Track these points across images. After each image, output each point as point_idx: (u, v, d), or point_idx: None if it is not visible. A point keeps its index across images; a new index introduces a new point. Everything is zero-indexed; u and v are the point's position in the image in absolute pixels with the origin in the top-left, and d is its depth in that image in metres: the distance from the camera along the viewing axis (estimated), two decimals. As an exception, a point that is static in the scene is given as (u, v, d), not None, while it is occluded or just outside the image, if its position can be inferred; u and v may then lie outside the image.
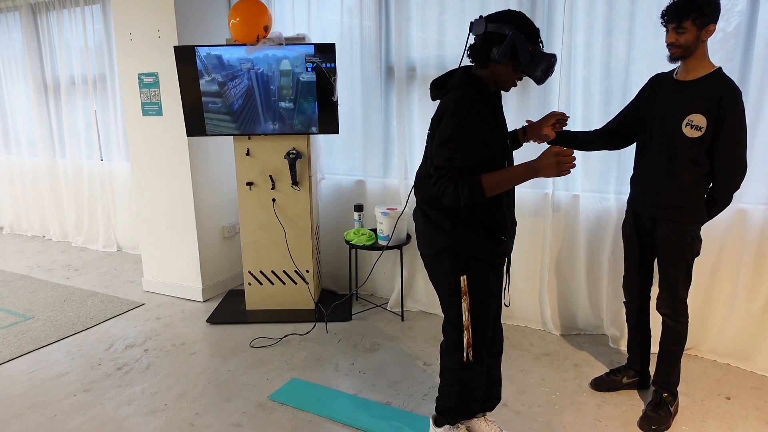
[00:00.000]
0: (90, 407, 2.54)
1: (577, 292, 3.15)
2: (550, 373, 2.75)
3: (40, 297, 3.89)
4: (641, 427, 2.32)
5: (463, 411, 2.13)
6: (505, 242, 1.96)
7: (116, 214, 4.92)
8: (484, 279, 1.95)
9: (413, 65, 3.33)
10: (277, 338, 3.16)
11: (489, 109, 1.88)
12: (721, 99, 2.05)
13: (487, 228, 1.92)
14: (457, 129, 1.80)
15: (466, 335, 1.96)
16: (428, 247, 2.01)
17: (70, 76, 4.84)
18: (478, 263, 1.93)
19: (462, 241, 1.91)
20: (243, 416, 2.45)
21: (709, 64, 2.12)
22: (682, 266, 2.24)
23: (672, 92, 2.18)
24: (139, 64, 3.58)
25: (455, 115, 1.81)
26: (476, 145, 1.81)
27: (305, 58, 3.08)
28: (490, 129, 1.86)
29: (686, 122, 2.11)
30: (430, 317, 3.46)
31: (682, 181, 2.17)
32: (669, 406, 2.35)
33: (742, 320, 2.74)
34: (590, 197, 3.01)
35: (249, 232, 3.45)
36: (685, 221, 2.21)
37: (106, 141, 4.81)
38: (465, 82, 1.87)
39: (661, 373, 2.39)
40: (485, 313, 1.99)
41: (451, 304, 1.98)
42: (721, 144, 2.09)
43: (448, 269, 1.95)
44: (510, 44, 1.77)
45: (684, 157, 2.15)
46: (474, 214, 1.90)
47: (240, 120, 3.20)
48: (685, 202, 2.19)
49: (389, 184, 3.57)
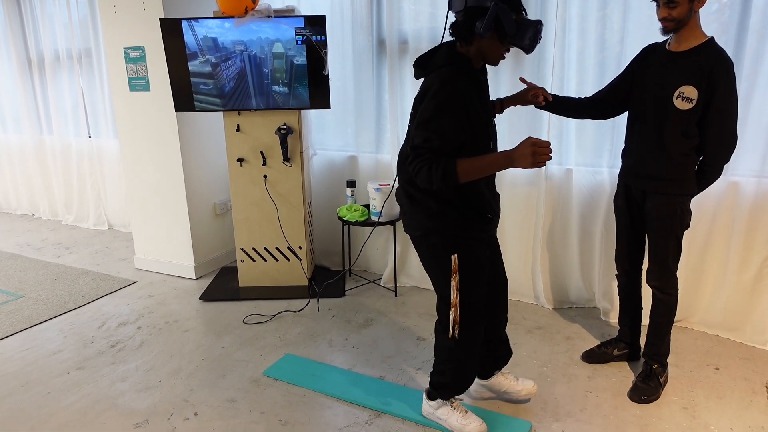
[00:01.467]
0: (84, 384, 2.54)
1: (569, 266, 3.17)
2: (542, 346, 2.78)
3: (30, 276, 3.87)
4: (631, 397, 2.36)
5: (456, 387, 2.15)
6: (492, 220, 1.97)
7: (106, 191, 4.88)
8: (474, 255, 1.96)
9: (405, 38, 3.28)
10: (271, 315, 3.17)
11: (474, 88, 1.85)
12: (711, 70, 2.02)
13: (473, 207, 1.91)
14: (437, 110, 1.76)
15: (453, 313, 1.96)
16: (416, 228, 2.00)
17: (54, 51, 4.73)
18: (468, 240, 1.93)
19: (450, 221, 1.91)
20: (237, 392, 2.47)
21: (701, 34, 2.08)
22: (672, 238, 2.24)
23: (663, 63, 2.15)
24: (125, 37, 3.50)
25: (437, 96, 1.77)
26: (456, 128, 1.78)
27: (295, 31, 3.02)
28: (474, 110, 1.82)
29: (677, 94, 2.09)
30: (424, 292, 3.47)
31: (671, 153, 2.16)
32: (659, 377, 2.38)
33: (732, 292, 2.77)
34: (583, 171, 3.00)
35: (241, 209, 3.42)
36: (674, 193, 2.20)
37: (94, 117, 4.74)
38: (449, 61, 1.82)
39: (651, 344, 2.41)
40: (477, 289, 1.99)
41: (443, 282, 1.98)
42: (711, 116, 2.07)
43: (438, 249, 1.94)
44: (493, 16, 1.71)
45: (674, 129, 2.13)
46: (459, 195, 1.88)
47: (232, 102, 3.15)
48: (674, 175, 2.18)
49: (382, 159, 3.54)
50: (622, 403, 2.33)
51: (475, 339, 2.05)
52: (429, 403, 2.20)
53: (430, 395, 2.19)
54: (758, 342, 2.74)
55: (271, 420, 2.27)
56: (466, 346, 2.03)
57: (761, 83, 2.54)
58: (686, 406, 2.31)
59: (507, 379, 2.31)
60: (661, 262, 2.28)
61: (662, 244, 2.26)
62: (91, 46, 4.47)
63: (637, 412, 2.27)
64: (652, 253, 2.30)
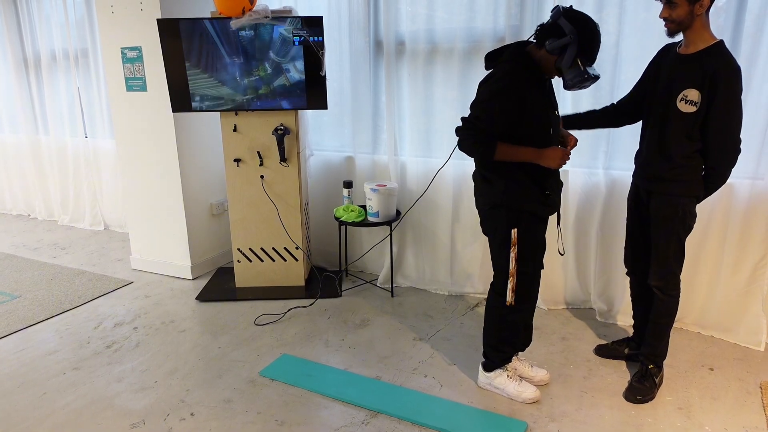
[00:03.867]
0: (80, 385, 2.54)
1: (564, 267, 3.18)
2: (537, 347, 2.79)
3: (26, 276, 3.86)
4: (626, 397, 2.37)
5: (505, 349, 2.37)
6: (551, 196, 2.18)
7: (102, 192, 4.86)
8: (533, 231, 2.20)
9: (402, 39, 3.29)
10: (281, 313, 3.17)
11: (534, 83, 2.08)
12: (714, 74, 2.01)
13: (535, 184, 2.14)
14: (492, 95, 2.05)
15: (512, 281, 2.21)
16: (485, 203, 2.24)
17: (51, 51, 4.72)
18: (529, 217, 2.17)
19: (513, 195, 2.14)
20: (234, 392, 2.47)
21: (709, 37, 2.06)
22: (674, 240, 2.25)
23: (672, 66, 2.16)
24: (122, 37, 3.50)
25: (496, 83, 2.05)
26: (503, 112, 2.03)
27: (292, 32, 3.03)
28: (532, 100, 2.06)
29: (681, 97, 2.10)
30: (420, 293, 3.48)
31: (673, 155, 2.17)
32: (654, 377, 2.39)
33: (727, 293, 2.78)
34: (579, 172, 3.01)
35: (237, 209, 3.43)
36: (676, 195, 2.21)
37: (90, 118, 4.73)
38: (514, 57, 2.08)
39: (648, 345, 2.42)
40: (533, 262, 2.24)
41: (502, 253, 2.22)
42: (711, 120, 2.07)
43: (502, 222, 2.18)
44: (563, 43, 1.97)
45: (677, 132, 2.14)
46: (524, 173, 2.12)
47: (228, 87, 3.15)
48: (676, 176, 2.19)
49: (378, 160, 3.55)
50: (617, 404, 2.34)
51: (524, 305, 2.30)
52: (486, 374, 2.42)
53: (486, 366, 2.41)
54: (752, 343, 2.76)
55: (268, 420, 2.27)
56: (519, 313, 2.29)
57: (755, 86, 2.56)
58: (681, 407, 2.32)
59: (522, 364, 2.47)
60: (663, 263, 2.29)
61: (664, 245, 2.27)
62: (87, 46, 4.46)
63: (632, 413, 2.28)
64: (655, 253, 2.31)
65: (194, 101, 3.16)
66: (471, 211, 3.18)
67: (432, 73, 3.25)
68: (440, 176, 3.31)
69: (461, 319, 3.12)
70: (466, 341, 2.87)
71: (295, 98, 3.16)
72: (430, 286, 3.52)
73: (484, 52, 3.07)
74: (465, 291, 3.43)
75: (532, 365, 2.50)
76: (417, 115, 3.34)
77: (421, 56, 3.25)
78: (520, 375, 2.44)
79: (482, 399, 2.39)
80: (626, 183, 2.88)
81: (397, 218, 3.40)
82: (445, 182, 3.27)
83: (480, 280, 3.37)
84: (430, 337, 2.92)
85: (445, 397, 2.40)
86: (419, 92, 3.30)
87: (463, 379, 2.53)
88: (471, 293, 3.42)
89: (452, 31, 3.13)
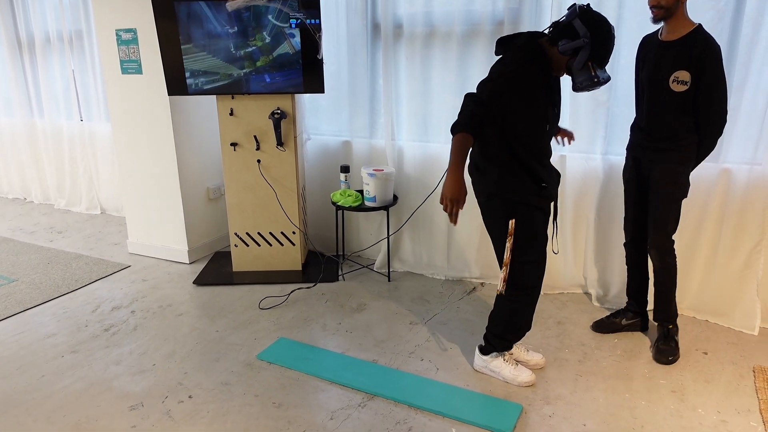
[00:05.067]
0: (78, 368, 2.55)
1: (561, 252, 3.18)
2: (534, 331, 2.80)
3: (23, 259, 3.86)
4: (658, 360, 2.53)
5: (508, 337, 2.37)
6: (547, 188, 2.17)
7: (99, 175, 4.85)
8: (530, 221, 2.17)
9: (400, 22, 3.26)
10: (284, 296, 3.18)
11: (541, 74, 2.06)
12: (700, 55, 2.23)
13: (530, 175, 2.12)
14: (499, 75, 2.02)
15: (504, 271, 2.19)
16: (481, 194, 2.23)
17: (45, 33, 4.67)
18: (525, 207, 2.14)
19: (508, 186, 2.13)
20: (231, 375, 2.48)
21: (689, 23, 2.28)
22: (673, 205, 2.45)
23: (658, 52, 2.36)
24: (117, 19, 3.45)
25: (505, 66, 2.03)
26: (508, 92, 2.00)
27: (289, 15, 3.00)
28: (536, 92, 2.05)
29: (673, 78, 2.31)
30: (417, 277, 3.49)
31: (676, 130, 2.37)
32: (675, 336, 2.60)
33: (722, 278, 2.80)
34: (577, 157, 3.01)
35: (234, 194, 3.42)
36: (676, 163, 2.41)
37: (86, 100, 4.69)
38: (526, 47, 2.06)
39: (659, 309, 2.61)
40: (533, 251, 2.21)
41: (500, 243, 2.21)
42: (701, 96, 2.28)
43: (499, 213, 2.17)
44: (576, 46, 1.97)
45: (675, 109, 2.34)
46: (518, 163, 2.10)
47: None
48: (678, 147, 2.39)
49: (376, 144, 3.54)
50: (612, 387, 2.36)
51: (530, 296, 2.28)
52: (482, 357, 2.43)
53: (483, 350, 2.43)
54: (746, 327, 2.78)
55: (265, 402, 2.29)
56: (517, 303, 2.28)
57: (755, 69, 2.55)
58: (675, 390, 2.34)
59: (518, 348, 2.48)
60: (661, 228, 2.47)
61: (664, 210, 2.46)
62: (82, 28, 4.41)
63: (627, 395, 2.31)
64: (654, 219, 2.49)
65: (189, 79, 3.12)
66: (468, 196, 3.18)
67: (430, 57, 3.23)
68: (438, 161, 3.30)
69: (458, 303, 3.14)
70: (463, 325, 2.89)
71: (294, 72, 3.12)
72: (426, 270, 3.53)
73: (482, 35, 3.05)
74: (462, 275, 3.44)
75: (527, 349, 2.52)
76: (415, 100, 3.32)
77: (419, 39, 3.22)
78: (515, 359, 2.46)
79: (478, 382, 2.41)
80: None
81: (395, 203, 3.40)
82: (442, 167, 3.25)
83: (476, 264, 3.38)
84: (427, 321, 2.93)
85: (442, 380, 2.42)
86: (417, 76, 3.28)
87: (459, 363, 2.55)
88: (468, 278, 3.43)
89: (450, 13, 3.10)
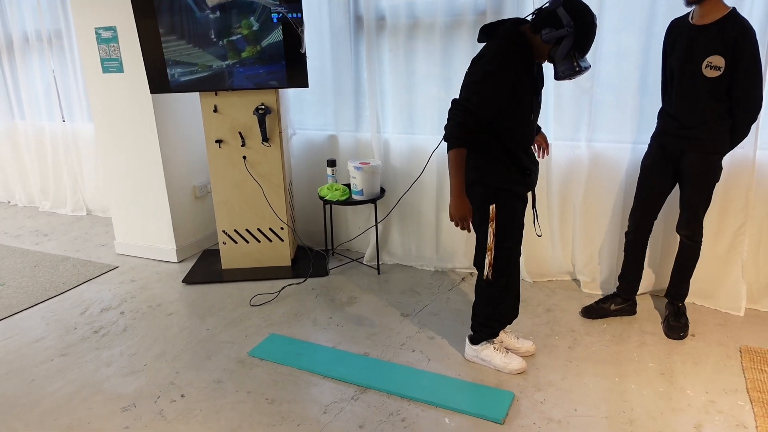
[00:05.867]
0: (68, 371, 2.53)
1: (549, 240, 3.21)
2: (523, 319, 2.83)
3: (9, 263, 3.81)
4: (670, 336, 2.61)
5: (491, 325, 2.39)
6: (530, 175, 2.20)
7: (83, 176, 4.79)
8: (511, 208, 2.19)
9: (383, 14, 3.24)
10: (274, 292, 3.17)
11: (525, 63, 2.04)
12: (735, 40, 2.20)
13: (514, 163, 2.14)
14: (484, 76, 2.00)
15: (489, 256, 2.21)
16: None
17: (23, 33, 4.60)
18: (506, 193, 2.16)
19: (487, 172, 2.14)
20: (223, 373, 2.48)
21: (723, 6, 2.24)
22: (705, 192, 2.48)
23: (690, 36, 2.33)
24: (96, 17, 3.41)
25: (489, 64, 2.00)
26: (495, 96, 2.01)
27: (271, 9, 2.97)
28: (521, 82, 2.04)
29: (706, 63, 2.28)
30: (406, 269, 3.49)
31: (707, 117, 2.36)
32: (685, 313, 2.68)
33: (707, 261, 2.83)
34: (562, 145, 3.02)
35: (221, 191, 3.40)
36: (709, 152, 2.41)
37: (67, 101, 4.63)
38: (509, 36, 2.03)
39: (675, 286, 2.68)
40: (512, 238, 2.23)
41: (481, 229, 2.22)
42: (737, 82, 2.27)
43: (480, 198, 2.17)
44: (560, 35, 1.95)
45: (706, 95, 2.33)
46: (504, 152, 2.12)
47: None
48: (710, 135, 2.39)
49: (362, 138, 3.53)
50: (602, 372, 2.39)
51: (509, 281, 2.32)
52: (472, 347, 2.45)
53: (473, 339, 2.45)
54: (732, 309, 2.82)
55: (258, 399, 2.29)
56: (501, 287, 2.30)
57: None
58: (663, 372, 2.38)
59: (508, 336, 2.51)
60: (692, 213, 2.51)
61: (696, 197, 2.49)
62: (61, 27, 4.35)
63: (616, 380, 2.33)
64: (686, 205, 2.53)
65: (170, 71, 3.08)
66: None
67: (413, 49, 3.22)
68: (424, 153, 3.30)
69: (447, 294, 3.15)
70: (453, 316, 2.90)
71: (278, 66, 3.09)
72: (416, 262, 3.54)
73: (465, 26, 3.05)
74: (451, 266, 3.45)
75: (518, 337, 2.54)
76: (399, 92, 3.32)
77: (402, 31, 3.21)
78: (506, 347, 2.48)
79: (470, 371, 2.42)
80: (609, 156, 2.92)
81: (382, 195, 3.40)
82: (430, 159, 3.26)
83: (465, 255, 3.39)
84: (417, 313, 2.95)
85: (433, 371, 2.44)
86: (401, 68, 3.27)
87: (450, 353, 2.57)
88: (457, 268, 3.44)
89: (433, 4, 3.09)
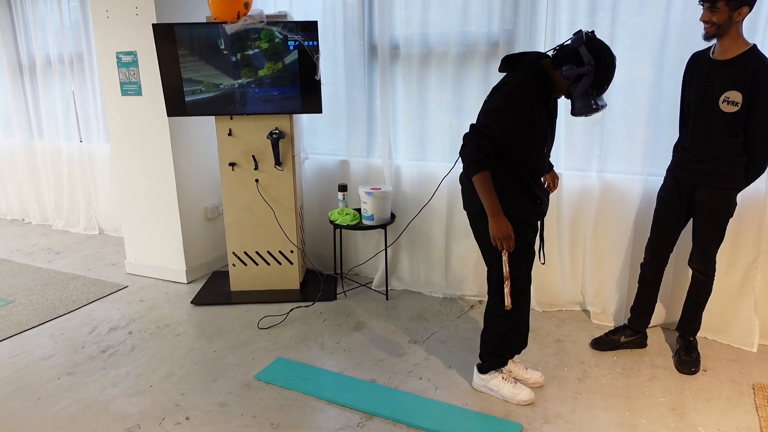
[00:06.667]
0: (74, 390, 2.53)
1: (559, 270, 3.19)
2: (532, 349, 2.80)
3: (20, 281, 3.85)
4: (681, 370, 2.58)
5: (502, 354, 2.38)
6: (541, 205, 2.22)
7: (97, 196, 4.86)
8: (524, 236, 2.18)
9: (397, 43, 3.31)
10: (282, 314, 3.17)
11: (543, 98, 2.07)
12: (753, 76, 2.21)
13: (526, 192, 2.16)
14: (506, 104, 2.03)
15: (507, 285, 2.17)
16: (474, 206, 2.21)
17: (46, 56, 4.72)
18: (518, 222, 2.15)
19: (504, 201, 2.10)
20: (229, 396, 2.47)
21: (743, 43, 2.26)
22: (717, 228, 2.46)
23: (710, 71, 2.34)
24: (117, 42, 3.50)
25: (511, 93, 2.03)
26: (514, 125, 2.03)
27: (288, 37, 3.04)
28: (539, 116, 2.06)
29: (723, 98, 2.29)
30: (415, 296, 3.48)
31: (721, 151, 2.35)
32: (697, 347, 2.65)
33: (720, 295, 2.80)
34: (573, 175, 3.03)
35: (232, 213, 3.43)
36: (723, 187, 2.40)
37: (85, 122, 4.72)
38: (531, 68, 2.07)
39: (687, 320, 2.66)
40: (524, 266, 2.24)
41: (493, 257, 2.22)
42: (754, 117, 2.27)
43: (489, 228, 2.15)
44: (580, 72, 2.00)
45: (722, 130, 2.33)
46: (513, 177, 2.13)
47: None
48: (724, 171, 2.38)
49: (373, 163, 3.56)
50: (611, 405, 2.35)
51: (520, 308, 2.29)
52: (481, 376, 2.43)
53: (481, 368, 2.43)
54: (745, 344, 2.78)
55: (263, 423, 2.27)
56: (511, 314, 2.26)
57: None
58: (674, 408, 2.33)
59: (517, 366, 2.49)
60: (704, 248, 2.50)
61: (708, 232, 2.47)
62: (83, 50, 4.46)
63: (626, 414, 2.29)
64: (698, 239, 2.51)
65: (187, 96, 3.15)
66: (465, 213, 3.19)
67: (426, 77, 3.27)
68: (435, 179, 3.32)
69: (456, 321, 3.13)
70: (461, 344, 2.88)
71: (292, 92, 3.14)
72: (424, 288, 3.53)
73: (478, 56, 3.10)
74: (460, 294, 3.44)
75: (526, 367, 2.51)
76: (411, 119, 3.36)
77: (416, 60, 3.27)
78: (514, 377, 2.45)
79: (477, 401, 2.39)
80: (620, 186, 2.92)
81: (392, 221, 3.41)
82: (440, 186, 3.28)
83: (474, 282, 3.38)
84: (425, 340, 2.93)
85: (440, 400, 2.41)
86: (413, 96, 3.32)
87: (458, 382, 2.54)
88: (466, 296, 3.43)
89: (446, 35, 3.15)
